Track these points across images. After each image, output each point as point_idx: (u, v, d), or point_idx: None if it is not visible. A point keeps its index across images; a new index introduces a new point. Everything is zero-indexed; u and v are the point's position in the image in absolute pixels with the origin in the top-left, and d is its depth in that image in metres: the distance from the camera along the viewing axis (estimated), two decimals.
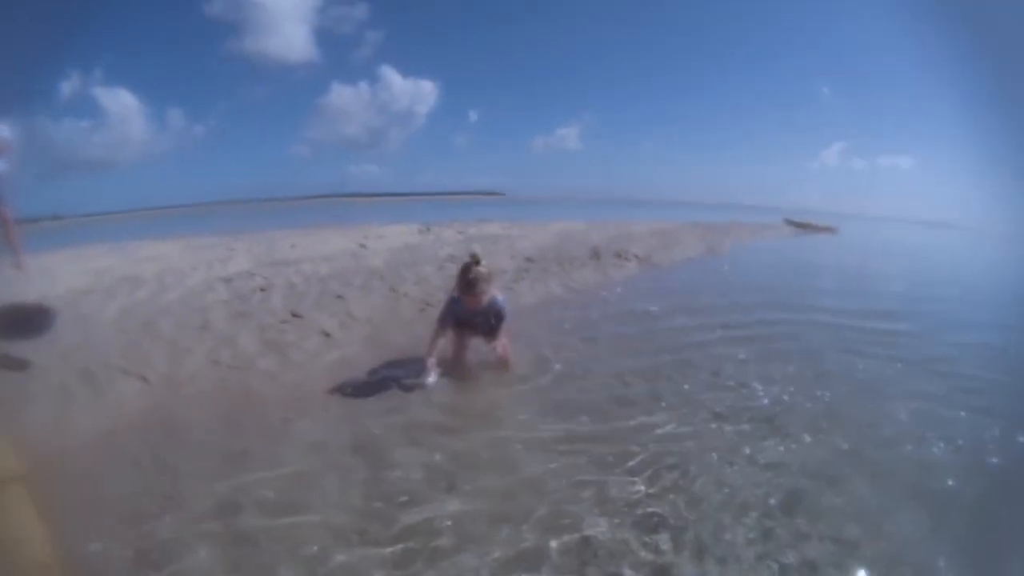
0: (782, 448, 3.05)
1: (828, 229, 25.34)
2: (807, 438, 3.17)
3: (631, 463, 2.83)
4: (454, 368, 4.01)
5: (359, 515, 2.40)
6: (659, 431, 3.21)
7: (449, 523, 2.34)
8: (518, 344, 4.28)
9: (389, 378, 3.90)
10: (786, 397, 3.77)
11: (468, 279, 3.58)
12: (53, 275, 6.62)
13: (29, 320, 4.03)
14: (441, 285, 6.41)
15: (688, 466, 2.81)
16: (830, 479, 2.75)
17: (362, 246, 9.25)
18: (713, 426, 3.31)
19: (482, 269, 3.61)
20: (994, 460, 3.06)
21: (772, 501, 2.55)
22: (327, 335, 4.68)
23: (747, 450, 3.01)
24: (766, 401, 3.71)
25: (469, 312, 3.77)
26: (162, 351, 4.19)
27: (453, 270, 7.15)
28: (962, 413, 3.60)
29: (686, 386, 3.91)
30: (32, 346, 3.99)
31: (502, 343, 4.02)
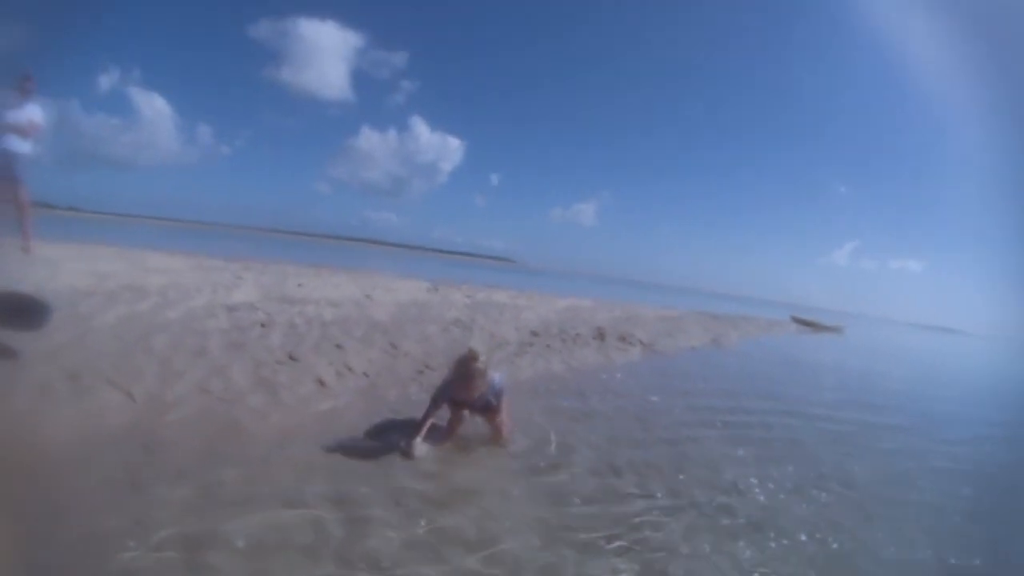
0: (773, 545, 3.04)
1: (834, 329, 25.91)
2: (801, 537, 3.16)
3: (613, 547, 2.79)
4: (447, 437, 3.95)
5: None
6: (646, 522, 3.14)
7: None
8: (513, 420, 4.21)
9: (379, 437, 3.84)
10: (782, 497, 3.77)
11: (464, 372, 3.61)
12: (58, 267, 6.63)
13: (25, 309, 3.96)
14: (443, 348, 6.40)
15: (671, 559, 2.77)
16: None
17: (368, 296, 9.25)
18: (702, 522, 3.25)
19: (479, 365, 3.63)
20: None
21: None
22: (322, 383, 4.63)
23: (736, 548, 2.98)
24: (762, 499, 3.70)
25: (467, 397, 3.77)
26: (153, 369, 4.13)
27: (457, 334, 7.22)
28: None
29: (681, 478, 3.88)
30: (24, 337, 3.92)
31: (503, 420, 3.98)
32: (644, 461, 4.14)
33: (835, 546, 3.16)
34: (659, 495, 3.55)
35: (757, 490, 3.85)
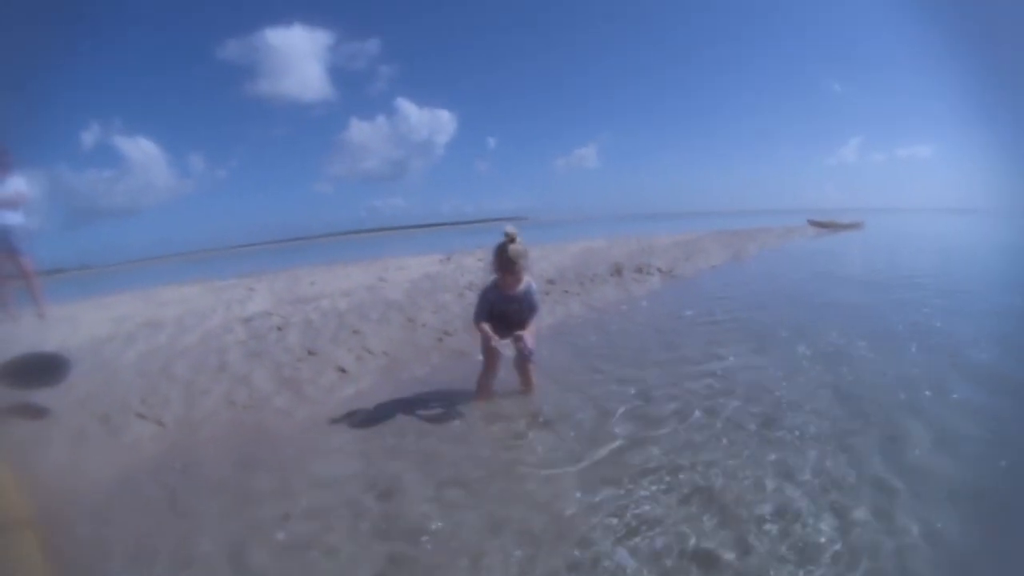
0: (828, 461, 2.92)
1: (853, 226, 25.37)
2: (838, 449, 3.03)
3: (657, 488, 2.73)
4: (478, 393, 3.99)
5: (370, 553, 2.36)
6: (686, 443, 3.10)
7: (468, 563, 2.27)
8: (539, 369, 4.19)
9: (405, 411, 3.88)
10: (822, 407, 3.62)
11: (507, 256, 3.56)
12: (75, 323, 6.80)
13: (48, 368, 4.08)
14: (460, 313, 6.41)
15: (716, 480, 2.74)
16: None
17: (381, 279, 9.31)
18: (742, 440, 3.19)
19: (519, 245, 3.59)
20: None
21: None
22: (343, 371, 4.69)
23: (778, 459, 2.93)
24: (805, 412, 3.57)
25: (506, 299, 3.75)
26: (179, 393, 4.23)
27: (472, 297, 7.20)
28: None
29: (719, 400, 3.79)
30: (51, 394, 4.04)
31: (531, 332, 3.85)
32: (672, 383, 4.11)
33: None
34: (697, 414, 3.53)
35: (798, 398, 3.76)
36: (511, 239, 3.57)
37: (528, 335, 3.76)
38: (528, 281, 3.80)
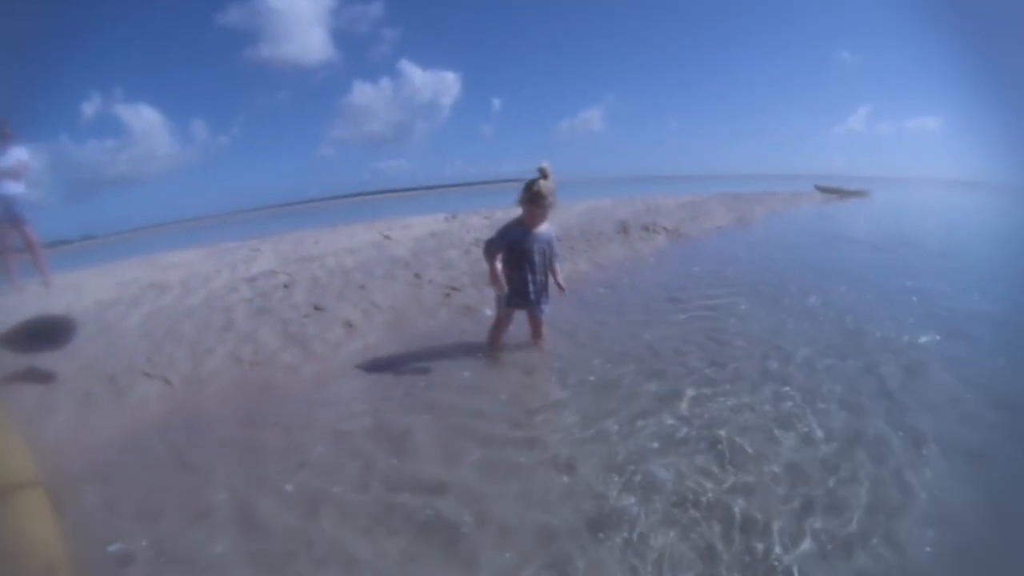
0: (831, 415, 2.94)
1: (860, 194, 25.40)
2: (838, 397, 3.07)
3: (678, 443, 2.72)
4: (489, 344, 3.97)
5: (380, 505, 2.32)
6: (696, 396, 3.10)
7: (474, 513, 2.23)
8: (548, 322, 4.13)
9: (413, 365, 3.84)
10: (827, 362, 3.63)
11: (535, 190, 3.58)
12: (80, 289, 6.77)
13: (53, 331, 4.05)
14: (467, 269, 6.35)
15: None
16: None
17: (386, 237, 9.24)
18: (750, 390, 3.20)
19: (550, 182, 3.60)
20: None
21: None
22: (349, 325, 4.64)
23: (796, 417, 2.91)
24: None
25: (530, 236, 3.72)
26: (184, 353, 4.18)
27: (478, 253, 7.14)
28: None
29: (722, 351, 3.82)
30: (57, 357, 4.02)
31: (559, 272, 3.91)
32: (681, 338, 4.10)
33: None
34: (704, 369, 3.52)
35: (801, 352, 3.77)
36: (544, 175, 3.58)
37: (559, 275, 3.90)
38: (550, 228, 3.79)
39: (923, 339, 3.99)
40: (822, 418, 2.84)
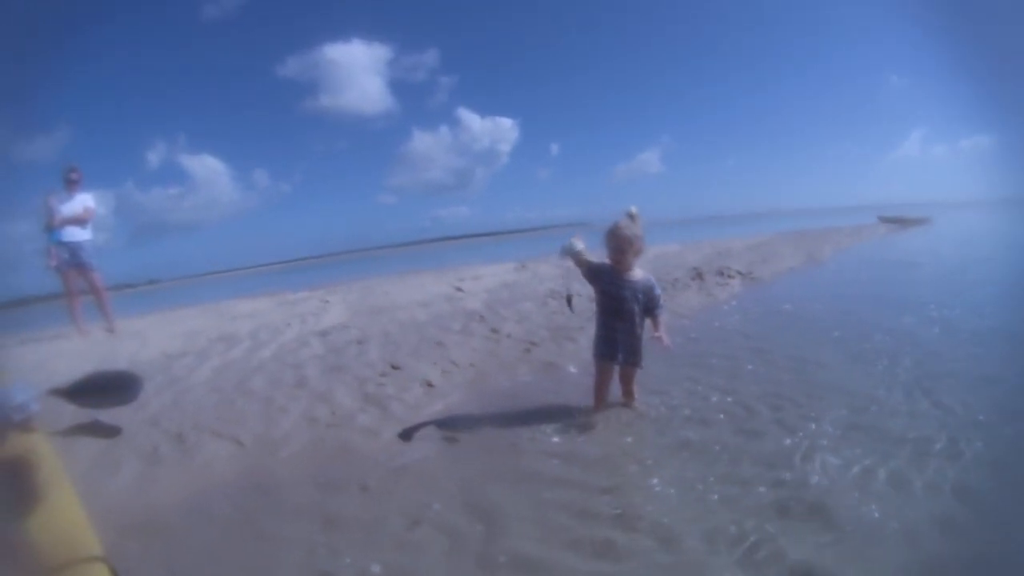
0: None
1: (922, 221, 26.39)
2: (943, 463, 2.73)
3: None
4: (595, 405, 3.73)
5: None
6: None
7: None
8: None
9: (498, 427, 3.66)
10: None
11: (615, 233, 3.48)
12: (145, 338, 6.90)
13: (119, 385, 4.00)
14: (543, 323, 6.19)
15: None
16: None
17: (458, 289, 9.18)
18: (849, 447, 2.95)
19: (632, 225, 3.49)
20: None
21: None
22: (429, 385, 4.51)
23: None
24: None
25: (619, 282, 3.55)
26: (256, 411, 4.13)
27: (555, 306, 6.96)
28: None
29: (814, 403, 3.59)
30: (122, 410, 3.96)
31: (662, 324, 3.63)
32: (775, 394, 3.80)
33: None
34: (797, 429, 3.23)
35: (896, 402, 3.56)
36: (631, 218, 3.49)
37: (663, 332, 3.59)
38: (648, 275, 3.61)
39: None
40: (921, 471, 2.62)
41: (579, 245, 3.55)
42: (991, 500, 2.44)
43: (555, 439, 3.42)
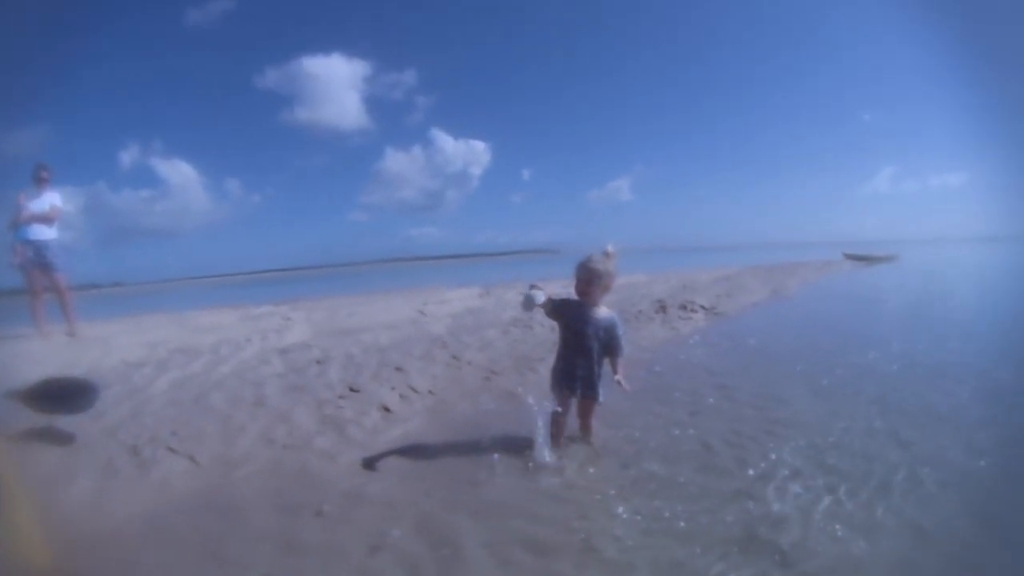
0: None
1: (888, 259, 27.26)
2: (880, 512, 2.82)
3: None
4: (553, 436, 3.76)
5: None
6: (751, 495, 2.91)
7: None
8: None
9: (457, 456, 3.74)
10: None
11: (586, 266, 3.59)
12: (107, 345, 6.88)
13: (76, 393, 4.05)
14: (506, 351, 6.31)
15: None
16: None
17: (422, 313, 9.28)
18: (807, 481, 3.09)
19: (605, 260, 3.61)
20: None
21: None
22: (387, 410, 4.59)
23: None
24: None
25: (583, 316, 3.65)
26: (214, 428, 4.16)
27: (518, 334, 7.12)
28: None
29: (774, 444, 3.71)
30: (79, 417, 3.99)
31: (621, 368, 3.76)
32: (734, 431, 3.96)
33: None
34: (760, 465, 3.39)
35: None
36: (606, 255, 3.61)
37: (622, 374, 3.73)
38: (612, 314, 3.73)
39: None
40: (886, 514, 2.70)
41: (540, 297, 3.60)
42: (949, 533, 2.61)
43: (515, 470, 3.50)
